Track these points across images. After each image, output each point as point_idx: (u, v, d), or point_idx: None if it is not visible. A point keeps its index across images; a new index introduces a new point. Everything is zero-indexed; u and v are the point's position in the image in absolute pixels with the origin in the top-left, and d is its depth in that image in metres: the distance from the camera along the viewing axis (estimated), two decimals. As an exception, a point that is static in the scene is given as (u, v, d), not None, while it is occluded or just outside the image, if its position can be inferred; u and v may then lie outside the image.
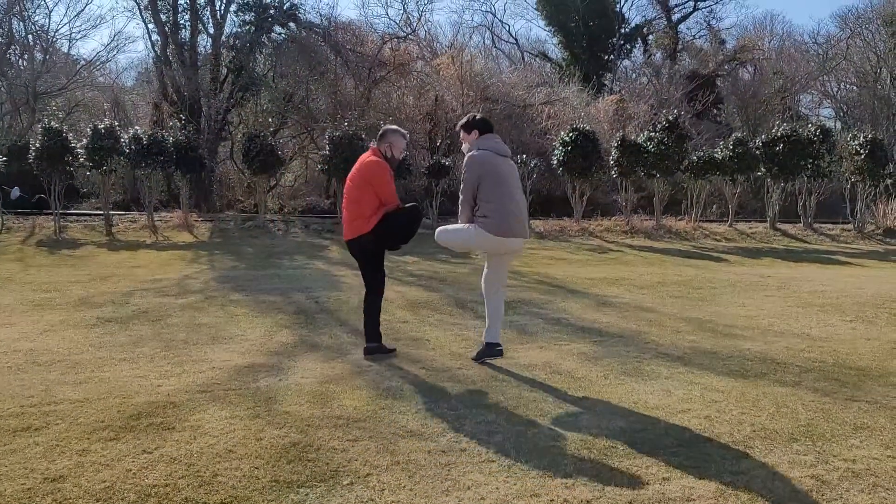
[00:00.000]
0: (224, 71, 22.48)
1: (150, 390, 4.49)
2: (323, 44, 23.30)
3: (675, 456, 3.50)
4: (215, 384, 4.64)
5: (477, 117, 5.34)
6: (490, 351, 5.27)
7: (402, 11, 33.10)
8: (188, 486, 3.10)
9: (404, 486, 3.14)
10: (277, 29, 23.53)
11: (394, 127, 5.63)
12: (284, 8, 22.57)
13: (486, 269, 5.37)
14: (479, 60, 28.14)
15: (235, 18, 22.87)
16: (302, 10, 23.07)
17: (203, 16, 22.47)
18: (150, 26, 22.47)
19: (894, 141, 29.21)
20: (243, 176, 21.46)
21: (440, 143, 23.19)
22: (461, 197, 5.17)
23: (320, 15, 24.37)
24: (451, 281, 9.77)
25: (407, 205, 5.45)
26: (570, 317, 7.34)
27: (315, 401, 4.30)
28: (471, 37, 38.03)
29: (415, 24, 28.19)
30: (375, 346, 5.45)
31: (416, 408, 4.20)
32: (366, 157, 5.41)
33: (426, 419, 4.01)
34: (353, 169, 5.41)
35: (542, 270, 11.37)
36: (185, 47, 22.11)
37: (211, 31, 22.56)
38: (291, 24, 23.37)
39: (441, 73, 24.19)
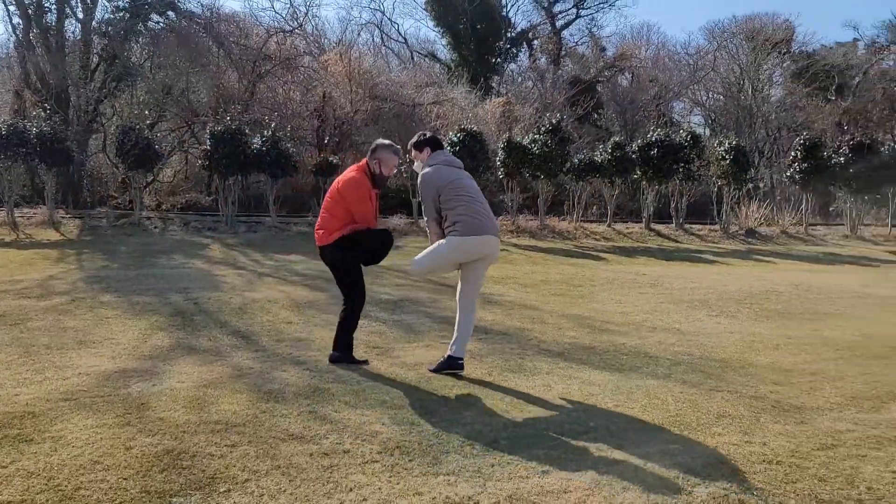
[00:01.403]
0: (95, 59, 21.17)
1: (6, 400, 4.16)
2: (204, 35, 22.41)
3: (553, 449, 3.61)
4: (81, 391, 4.35)
5: (427, 135, 5.22)
6: (453, 364, 4.99)
7: (288, 5, 32.53)
8: (47, 501, 2.89)
9: (285, 491, 3.06)
10: (155, 17, 22.42)
11: (387, 142, 5.25)
12: (163, -5, 21.53)
13: (460, 283, 5.10)
14: (367, 58, 27.97)
15: (108, 4, 21.59)
16: (182, -1, 22.11)
17: (70, -1, 21.06)
18: (11, 8, 20.85)
19: (755, 148, 31.46)
20: (117, 171, 20.28)
21: (328, 141, 22.86)
22: (425, 218, 5.05)
23: (201, 5, 23.23)
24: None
25: (378, 228, 5.20)
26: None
27: (191, 406, 4.12)
28: (359, 34, 37.67)
29: (301, 19, 27.59)
30: (338, 356, 5.22)
31: (299, 410, 4.11)
32: (350, 170, 5.13)
33: (309, 421, 3.93)
34: (336, 179, 5.19)
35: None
36: (51, 31, 20.65)
37: (80, 15, 21.17)
38: (170, 13, 22.35)
39: (329, 69, 23.84)
